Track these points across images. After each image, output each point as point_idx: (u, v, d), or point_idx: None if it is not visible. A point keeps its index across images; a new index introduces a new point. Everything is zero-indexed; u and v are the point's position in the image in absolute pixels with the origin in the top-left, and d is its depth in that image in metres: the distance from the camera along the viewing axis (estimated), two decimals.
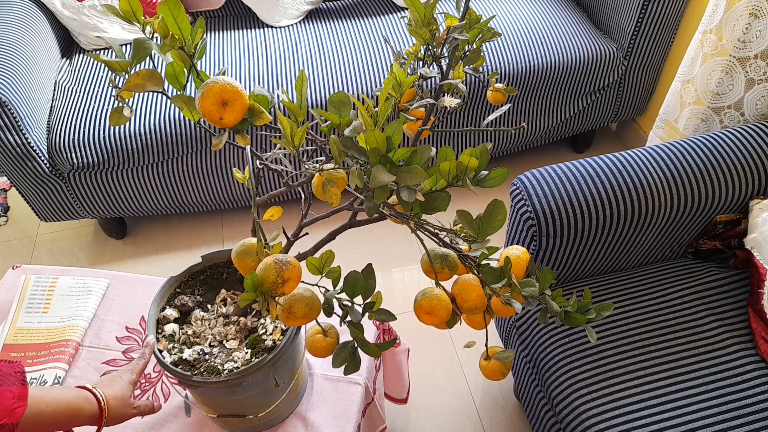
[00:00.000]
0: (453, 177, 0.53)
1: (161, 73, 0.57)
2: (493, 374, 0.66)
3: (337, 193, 0.55)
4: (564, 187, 1.02)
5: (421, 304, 0.61)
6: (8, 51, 1.48)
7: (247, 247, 0.65)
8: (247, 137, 0.60)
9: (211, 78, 0.55)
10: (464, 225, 0.56)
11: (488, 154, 0.52)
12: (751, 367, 0.99)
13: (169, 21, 0.53)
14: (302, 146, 0.58)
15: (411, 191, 0.50)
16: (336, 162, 0.54)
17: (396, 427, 1.39)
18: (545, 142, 1.95)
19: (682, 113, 1.38)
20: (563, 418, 1.00)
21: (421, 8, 0.65)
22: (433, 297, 0.60)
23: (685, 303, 1.09)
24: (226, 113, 0.55)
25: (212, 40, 1.80)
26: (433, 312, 0.60)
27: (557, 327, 1.07)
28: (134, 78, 0.55)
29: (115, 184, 1.65)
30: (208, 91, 0.54)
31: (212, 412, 0.85)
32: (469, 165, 0.52)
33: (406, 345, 1.15)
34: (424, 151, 0.51)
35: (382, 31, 1.79)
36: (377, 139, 0.49)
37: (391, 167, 0.49)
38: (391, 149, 0.50)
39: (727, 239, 1.16)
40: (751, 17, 1.14)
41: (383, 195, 0.50)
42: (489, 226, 0.56)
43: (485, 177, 0.53)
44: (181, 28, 0.54)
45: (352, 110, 0.56)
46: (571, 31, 1.76)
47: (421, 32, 0.67)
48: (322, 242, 0.73)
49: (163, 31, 0.53)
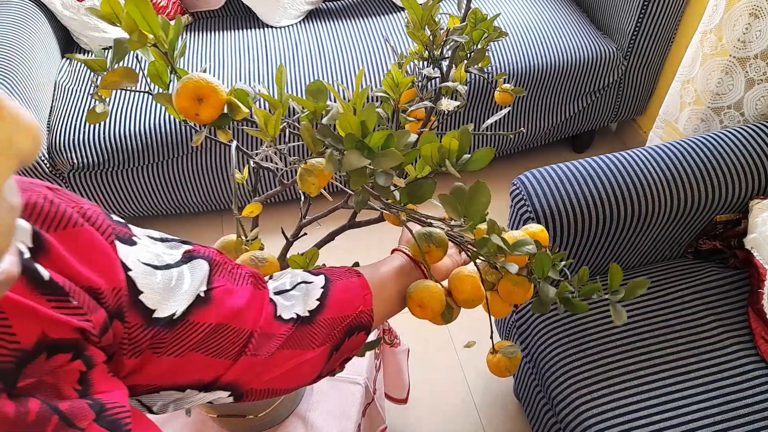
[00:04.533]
0: (437, 162, 0.51)
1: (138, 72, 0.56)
2: (497, 370, 0.63)
3: (314, 182, 0.54)
4: (564, 187, 1.02)
5: (412, 296, 0.59)
6: (8, 51, 1.48)
7: (226, 243, 0.65)
8: (228, 133, 0.60)
9: (189, 75, 0.55)
10: (447, 209, 0.54)
11: (469, 136, 0.50)
12: (751, 367, 0.99)
13: (136, 17, 0.52)
14: (289, 142, 0.58)
15: (388, 176, 0.48)
16: (310, 149, 0.53)
17: (396, 427, 1.39)
18: (545, 142, 1.95)
19: (682, 113, 1.38)
20: (563, 418, 1.00)
21: (419, 9, 0.65)
22: (424, 289, 0.59)
23: (685, 303, 1.09)
24: (201, 109, 0.55)
25: (212, 40, 1.80)
26: (424, 304, 0.58)
27: (557, 327, 1.07)
28: (110, 76, 0.54)
29: (115, 185, 1.65)
30: (182, 88, 0.54)
31: (212, 412, 0.85)
32: (451, 147, 0.50)
33: (406, 345, 1.15)
34: (401, 135, 0.49)
35: (382, 32, 1.79)
36: (351, 124, 0.47)
37: (368, 153, 0.48)
38: (366, 134, 0.48)
39: (727, 239, 1.16)
40: (751, 17, 1.14)
41: (360, 181, 0.49)
42: (473, 208, 0.53)
43: (468, 160, 0.51)
44: (150, 25, 0.53)
45: (329, 100, 0.56)
46: (571, 31, 1.76)
47: (419, 34, 0.67)
48: (321, 243, 0.73)
49: (129, 27, 0.52)
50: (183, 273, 0.43)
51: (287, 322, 0.50)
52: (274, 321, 0.49)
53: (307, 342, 0.51)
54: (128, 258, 0.39)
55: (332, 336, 0.53)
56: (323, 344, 0.53)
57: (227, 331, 0.45)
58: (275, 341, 0.49)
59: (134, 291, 0.39)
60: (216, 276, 0.46)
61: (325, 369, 0.55)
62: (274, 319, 0.50)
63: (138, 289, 0.39)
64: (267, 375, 0.49)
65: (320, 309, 0.53)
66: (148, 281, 0.40)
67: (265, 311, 0.49)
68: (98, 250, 0.37)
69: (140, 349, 0.40)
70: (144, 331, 0.40)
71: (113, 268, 0.37)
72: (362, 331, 0.56)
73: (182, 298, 0.42)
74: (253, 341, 0.47)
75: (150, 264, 0.41)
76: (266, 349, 0.48)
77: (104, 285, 0.36)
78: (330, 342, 0.53)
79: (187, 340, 0.43)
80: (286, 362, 0.50)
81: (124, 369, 0.40)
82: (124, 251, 0.39)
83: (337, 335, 0.54)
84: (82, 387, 0.34)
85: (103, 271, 0.36)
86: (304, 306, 0.52)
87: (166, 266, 0.42)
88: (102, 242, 0.37)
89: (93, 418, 0.32)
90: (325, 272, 0.57)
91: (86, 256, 0.36)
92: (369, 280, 0.59)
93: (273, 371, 0.49)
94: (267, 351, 0.48)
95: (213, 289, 0.45)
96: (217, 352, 0.45)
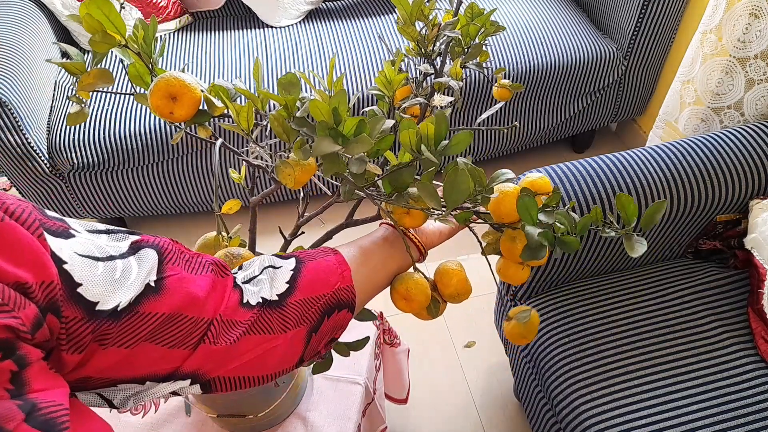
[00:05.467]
0: (416, 148, 0.51)
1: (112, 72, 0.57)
2: (513, 337, 0.61)
3: (290, 174, 0.54)
4: (564, 187, 1.02)
5: (397, 288, 0.59)
6: (8, 51, 1.48)
7: (207, 240, 0.67)
8: (209, 129, 0.61)
9: (162, 74, 0.55)
10: (426, 198, 0.52)
11: (445, 120, 0.50)
12: (751, 367, 0.99)
13: (99, 16, 0.52)
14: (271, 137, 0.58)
15: (361, 162, 0.48)
16: (283, 140, 0.53)
17: (396, 427, 1.39)
18: (545, 142, 1.95)
19: (682, 113, 1.38)
20: (563, 418, 1.00)
21: (407, 6, 0.65)
22: (409, 280, 0.58)
23: (685, 303, 1.09)
24: (176, 108, 0.55)
25: (212, 40, 1.80)
26: (409, 297, 0.58)
27: (557, 327, 1.07)
28: (85, 78, 0.55)
29: (115, 184, 1.65)
30: (154, 87, 0.54)
31: (212, 412, 0.85)
32: (428, 133, 0.50)
33: (406, 345, 1.15)
34: (375, 121, 0.49)
35: (381, 31, 1.79)
36: (322, 110, 0.47)
37: (342, 141, 0.48)
38: (339, 121, 0.48)
39: (727, 239, 1.16)
40: (751, 17, 1.14)
41: (333, 167, 0.49)
42: (454, 195, 0.51)
43: (446, 146, 0.51)
44: (115, 25, 0.53)
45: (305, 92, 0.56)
46: (571, 31, 1.75)
47: (409, 30, 0.67)
48: (319, 242, 0.73)
49: (90, 27, 0.52)
50: (130, 264, 0.43)
51: (252, 307, 0.50)
52: (239, 308, 0.49)
53: (278, 326, 0.50)
54: (62, 251, 0.39)
55: (307, 318, 0.52)
56: (296, 327, 0.52)
57: (182, 321, 0.45)
58: (238, 328, 0.48)
59: (71, 284, 0.39)
60: (168, 265, 0.45)
61: (308, 352, 0.54)
62: (240, 306, 0.49)
63: (75, 282, 0.39)
64: (232, 363, 0.48)
65: (290, 291, 0.52)
66: (88, 273, 0.40)
67: (228, 299, 0.48)
68: (23, 243, 0.36)
69: (82, 344, 0.40)
70: (84, 325, 0.39)
71: (42, 261, 0.37)
72: (343, 308, 0.55)
73: (128, 289, 0.42)
74: (213, 329, 0.46)
75: (90, 256, 0.40)
76: (227, 337, 0.47)
77: (31, 279, 0.35)
78: (305, 324, 0.52)
79: (137, 331, 0.42)
80: (253, 348, 0.49)
81: (67, 365, 0.40)
82: (58, 244, 0.39)
83: (312, 316, 0.53)
84: (14, 387, 0.33)
85: (29, 265, 0.36)
86: (271, 290, 0.51)
87: (109, 258, 0.42)
88: (26, 236, 0.36)
89: (22, 418, 0.32)
90: (297, 254, 0.57)
91: (8, 250, 0.35)
92: (350, 255, 0.58)
93: (239, 359, 0.48)
94: (228, 339, 0.47)
95: (165, 278, 0.44)
96: (173, 342, 0.44)
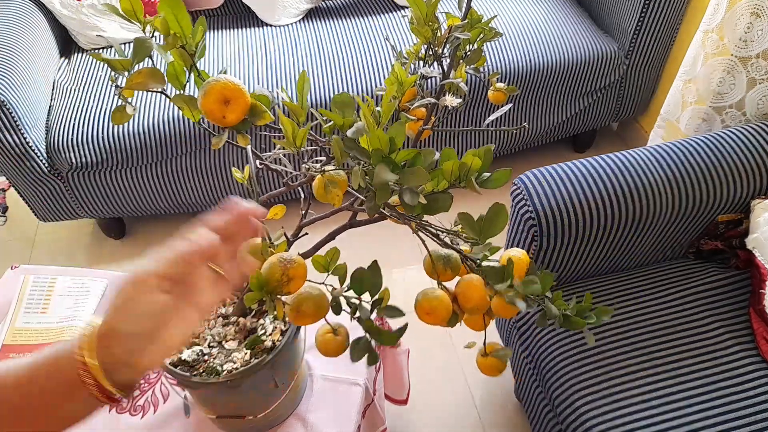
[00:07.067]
0: (455, 178, 0.53)
1: (162, 72, 0.56)
2: (489, 370, 0.69)
3: (339, 194, 0.55)
4: (565, 187, 1.01)
5: (422, 304, 0.61)
6: (7, 50, 1.47)
7: (252, 247, 0.65)
8: (247, 137, 0.60)
9: (213, 77, 0.55)
10: (465, 228, 0.57)
11: (491, 155, 0.52)
12: (753, 368, 0.98)
13: (170, 19, 0.53)
14: (303, 146, 0.58)
15: (414, 194, 0.49)
16: (337, 162, 0.54)
17: (396, 428, 1.38)
18: (546, 141, 1.95)
19: (684, 113, 1.37)
20: (564, 418, 0.99)
21: (423, 6, 0.65)
22: (433, 298, 0.61)
23: (686, 303, 1.08)
24: (228, 112, 0.55)
25: (212, 39, 1.79)
26: (433, 312, 0.61)
27: (558, 327, 1.07)
28: (136, 76, 0.54)
29: (114, 184, 1.65)
30: (210, 90, 0.54)
31: (211, 413, 0.85)
32: (473, 166, 0.52)
33: (406, 346, 1.15)
34: (427, 153, 0.51)
35: (382, 30, 1.79)
36: (380, 140, 0.49)
37: (393, 168, 0.49)
38: (393, 150, 0.50)
39: (729, 239, 1.16)
40: (753, 16, 1.14)
41: (385, 195, 0.50)
42: (491, 229, 0.56)
43: (488, 179, 0.54)
44: (182, 27, 0.53)
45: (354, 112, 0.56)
46: (572, 31, 1.75)
47: (422, 30, 0.67)
48: (321, 243, 0.73)
49: (164, 29, 0.53)
50: None
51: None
52: None
53: None
54: None
55: None
56: None
57: None
58: None
59: None
60: None
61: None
62: None
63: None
64: None
65: None
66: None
67: None
68: None
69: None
70: None
71: None
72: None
73: None
74: None
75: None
76: None
77: None
78: None
79: None
80: None
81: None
82: None
83: None
84: None
85: None
86: None
87: None
88: None
89: None
90: None
91: None
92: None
93: None
94: None
95: None
96: None
